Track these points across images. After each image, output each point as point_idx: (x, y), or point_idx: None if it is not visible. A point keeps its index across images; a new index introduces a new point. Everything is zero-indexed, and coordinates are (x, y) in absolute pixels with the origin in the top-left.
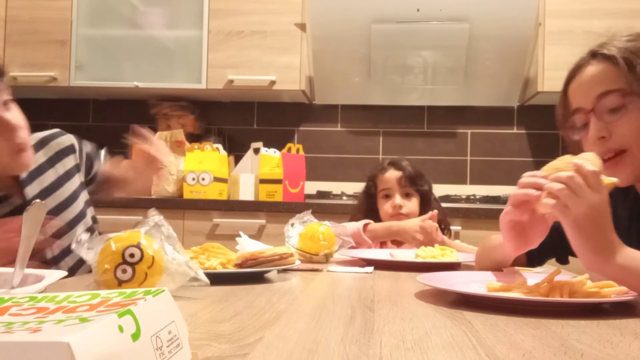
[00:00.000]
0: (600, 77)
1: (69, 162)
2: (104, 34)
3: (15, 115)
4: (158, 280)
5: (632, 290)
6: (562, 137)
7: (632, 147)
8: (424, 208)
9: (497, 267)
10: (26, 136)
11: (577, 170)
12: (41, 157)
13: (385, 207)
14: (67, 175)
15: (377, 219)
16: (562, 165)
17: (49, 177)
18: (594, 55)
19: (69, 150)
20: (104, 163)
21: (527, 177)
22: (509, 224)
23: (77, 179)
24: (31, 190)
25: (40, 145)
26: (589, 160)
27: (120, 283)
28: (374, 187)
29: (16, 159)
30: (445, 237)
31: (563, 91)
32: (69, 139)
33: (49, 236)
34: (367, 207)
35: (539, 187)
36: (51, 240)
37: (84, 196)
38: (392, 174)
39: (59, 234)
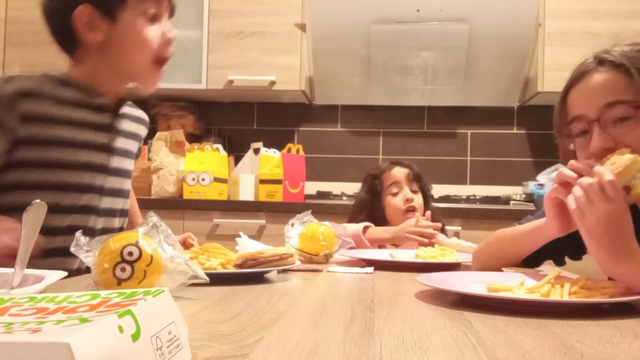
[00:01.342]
0: (609, 86)
1: (135, 146)
2: None
3: (169, 27)
4: (157, 278)
5: None
6: (557, 145)
7: None
8: (425, 205)
9: (512, 262)
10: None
11: (598, 178)
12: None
13: (395, 202)
14: (131, 155)
15: (381, 218)
16: (615, 160)
17: (124, 143)
18: (601, 62)
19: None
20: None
21: (581, 163)
22: (554, 202)
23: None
24: (121, 124)
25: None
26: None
27: (120, 282)
28: (379, 184)
29: (153, 74)
30: (443, 236)
31: (562, 96)
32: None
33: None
34: (373, 205)
35: (587, 174)
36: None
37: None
38: (400, 170)
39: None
